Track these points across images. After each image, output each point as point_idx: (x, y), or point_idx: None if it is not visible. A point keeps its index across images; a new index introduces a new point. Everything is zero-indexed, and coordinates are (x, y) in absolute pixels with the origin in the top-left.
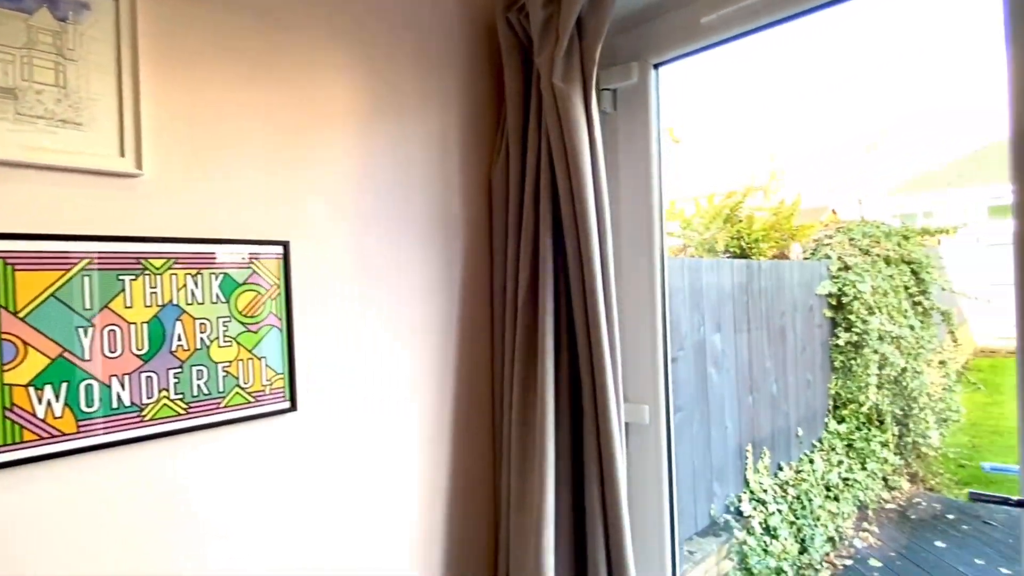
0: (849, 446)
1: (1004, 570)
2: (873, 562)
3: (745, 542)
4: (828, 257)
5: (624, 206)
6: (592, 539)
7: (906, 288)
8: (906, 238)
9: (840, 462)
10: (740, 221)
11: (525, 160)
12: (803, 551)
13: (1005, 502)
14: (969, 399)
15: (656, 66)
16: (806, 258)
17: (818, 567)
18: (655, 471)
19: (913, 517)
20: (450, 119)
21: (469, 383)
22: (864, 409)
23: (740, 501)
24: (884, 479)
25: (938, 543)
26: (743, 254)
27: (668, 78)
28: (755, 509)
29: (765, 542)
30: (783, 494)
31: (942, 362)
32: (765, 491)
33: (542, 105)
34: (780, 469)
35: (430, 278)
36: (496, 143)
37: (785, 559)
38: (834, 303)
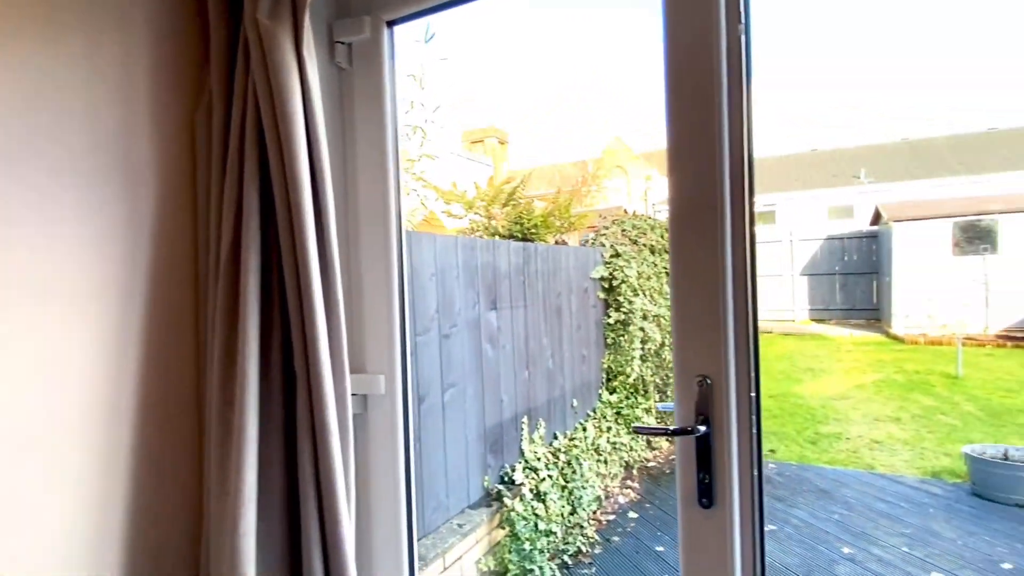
0: (618, 413)
1: None
2: (632, 514)
3: (513, 509)
4: (603, 245)
5: (362, 170)
6: (306, 521)
7: (666, 273)
8: (667, 231)
9: (609, 428)
10: (519, 205)
11: (231, 103)
12: (573, 512)
13: (664, 433)
14: None
15: (391, 24)
16: (584, 243)
17: (585, 524)
18: (391, 442)
19: (668, 472)
20: (136, 47)
21: (160, 355)
22: (631, 380)
23: (514, 471)
24: (648, 441)
25: None
26: (525, 238)
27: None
28: (527, 477)
29: (533, 507)
30: (555, 461)
31: None
32: (539, 459)
33: (248, 42)
34: (556, 438)
35: (101, 233)
36: (201, 82)
37: (554, 521)
38: (606, 286)
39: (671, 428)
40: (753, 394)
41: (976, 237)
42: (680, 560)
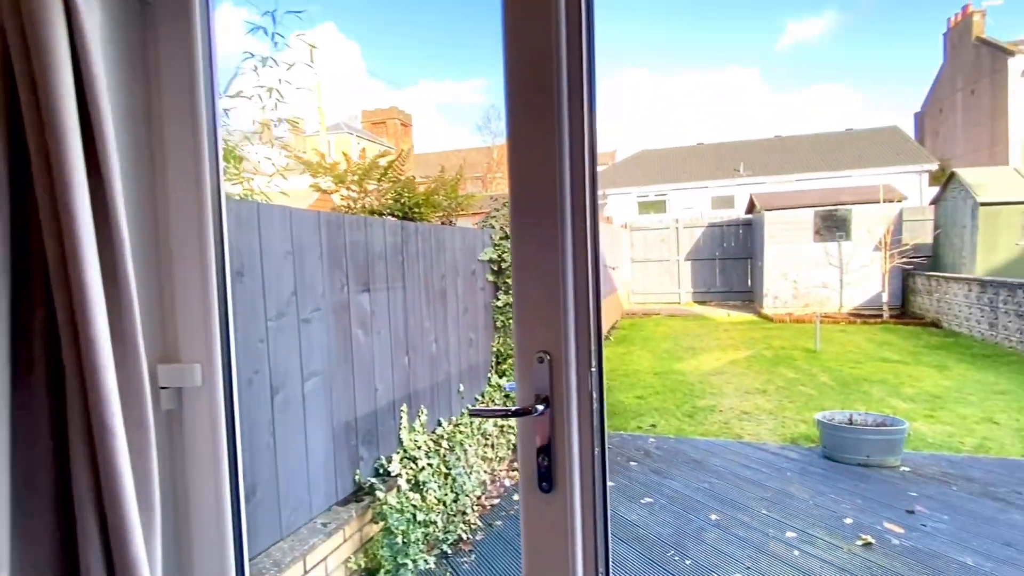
0: (507, 397)
1: (610, 483)
2: (516, 496)
3: (386, 502)
4: (492, 227)
5: (169, 124)
6: (84, 537)
7: None
8: None
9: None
10: (397, 182)
11: None
12: (456, 499)
13: (503, 414)
14: (612, 351)
15: None
16: (476, 225)
17: (468, 511)
18: (212, 439)
19: None
20: None
21: None
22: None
23: (390, 462)
24: None
25: None
26: (406, 217)
27: None
28: (405, 467)
29: (410, 498)
30: (437, 448)
31: None
32: (419, 448)
33: None
34: (439, 424)
35: None
36: None
37: (434, 511)
38: (495, 268)
39: (511, 409)
40: (594, 369)
41: (833, 225)
42: (522, 547)
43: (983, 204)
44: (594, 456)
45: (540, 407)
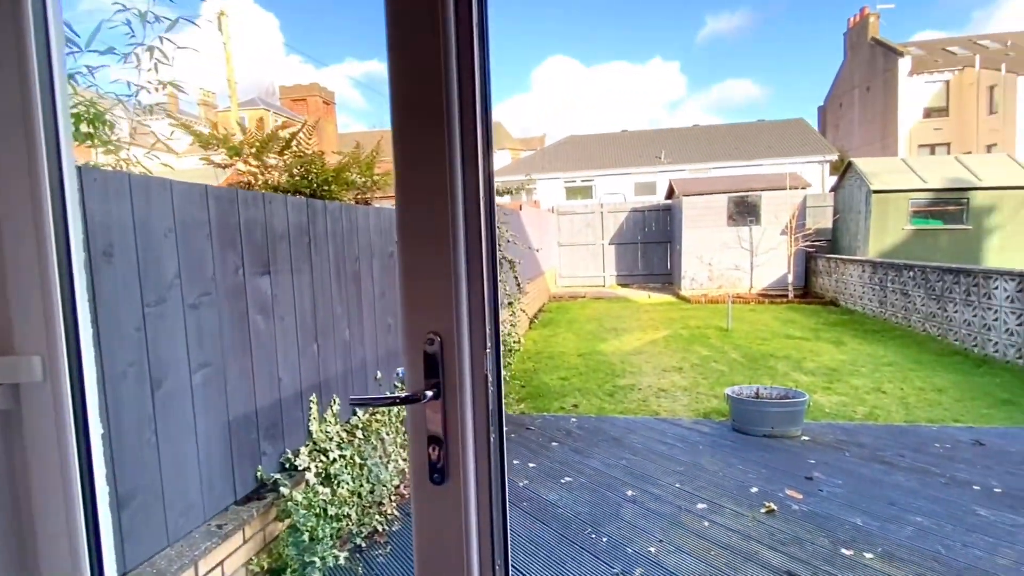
0: (401, 382)
1: (531, 464)
2: None
3: (291, 499)
4: None
5: None
6: None
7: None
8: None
9: None
10: (302, 157)
11: None
12: (372, 490)
13: (392, 402)
14: (537, 334)
15: None
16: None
17: (385, 502)
18: (58, 441)
19: None
20: None
21: None
22: None
23: (297, 455)
24: None
25: None
26: (314, 195)
27: None
28: (314, 460)
29: (317, 492)
30: (351, 439)
31: (510, 303)
32: (330, 439)
33: None
34: (354, 414)
35: None
36: None
37: (348, 503)
38: None
39: (399, 396)
40: (490, 350)
41: (745, 211)
42: (413, 546)
43: (875, 191)
44: (490, 443)
45: (429, 393)
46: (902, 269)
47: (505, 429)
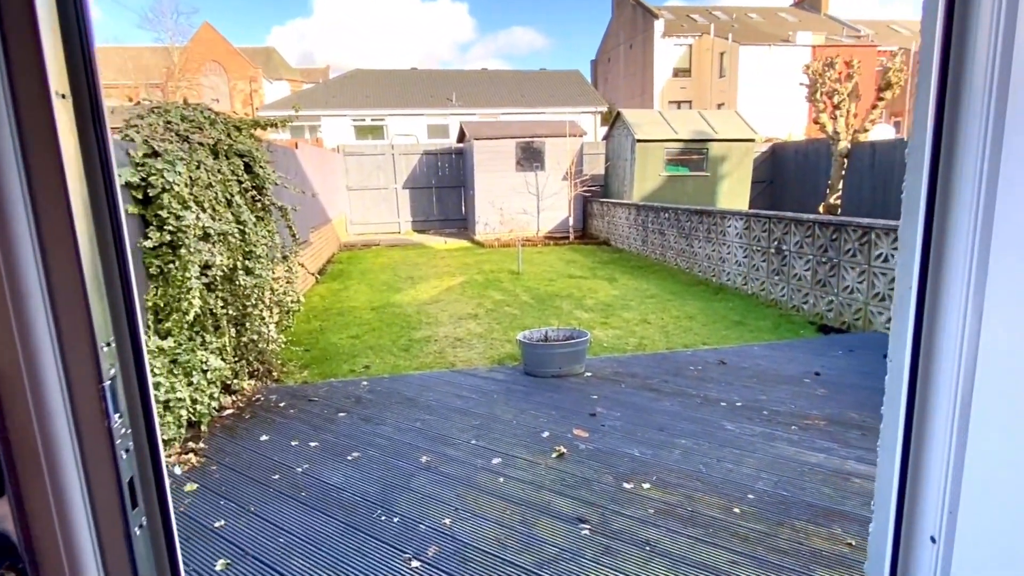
0: (174, 362)
1: (312, 443)
2: (190, 486)
3: None
4: (132, 140)
5: None
6: None
7: (240, 182)
8: (238, 129)
9: (159, 384)
10: None
11: None
12: None
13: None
14: (327, 288)
15: None
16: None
17: None
18: None
19: (248, 417)
20: None
21: None
22: (190, 318)
23: None
24: (226, 386)
25: (264, 436)
26: None
27: None
28: None
29: None
30: None
31: (285, 257)
32: None
33: None
34: None
35: None
36: None
37: None
38: (139, 196)
39: None
40: (108, 382)
41: (531, 156)
42: None
43: (639, 140)
44: (132, 541)
45: None
46: (659, 211)
47: (287, 404)
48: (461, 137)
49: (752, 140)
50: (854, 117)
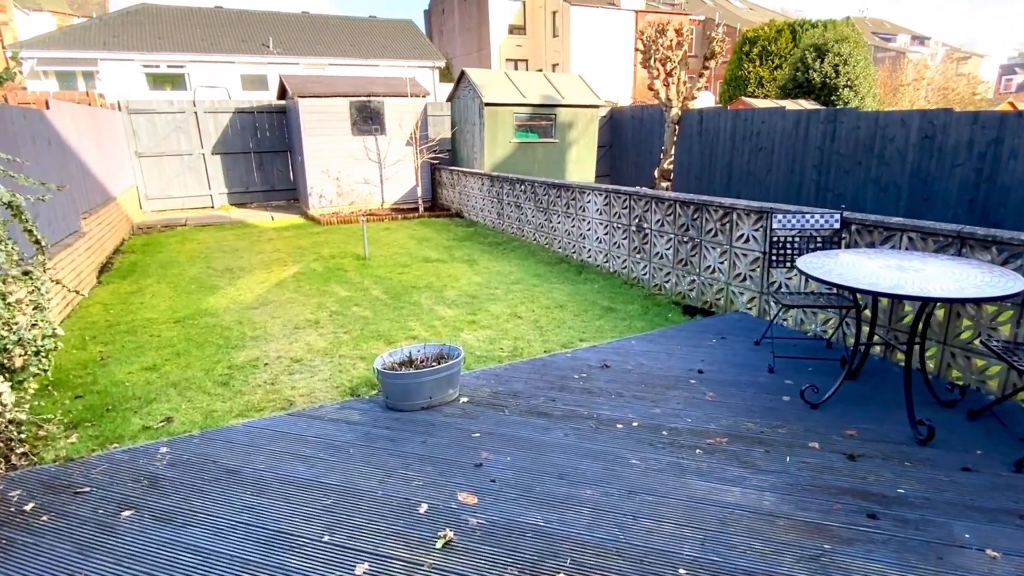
0: None
1: None
2: None
3: None
4: None
5: None
6: None
7: None
8: None
9: None
10: None
11: None
12: None
13: None
14: (112, 290)
15: None
16: None
17: None
18: None
19: None
20: None
21: None
22: None
23: None
24: None
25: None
26: None
27: None
28: None
29: None
30: None
31: (27, 273)
32: None
33: None
34: None
35: None
36: None
37: None
38: None
39: None
40: None
41: (369, 118)
42: None
43: (487, 104)
44: None
45: None
46: (515, 183)
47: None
48: (282, 93)
49: (597, 106)
50: (684, 85)
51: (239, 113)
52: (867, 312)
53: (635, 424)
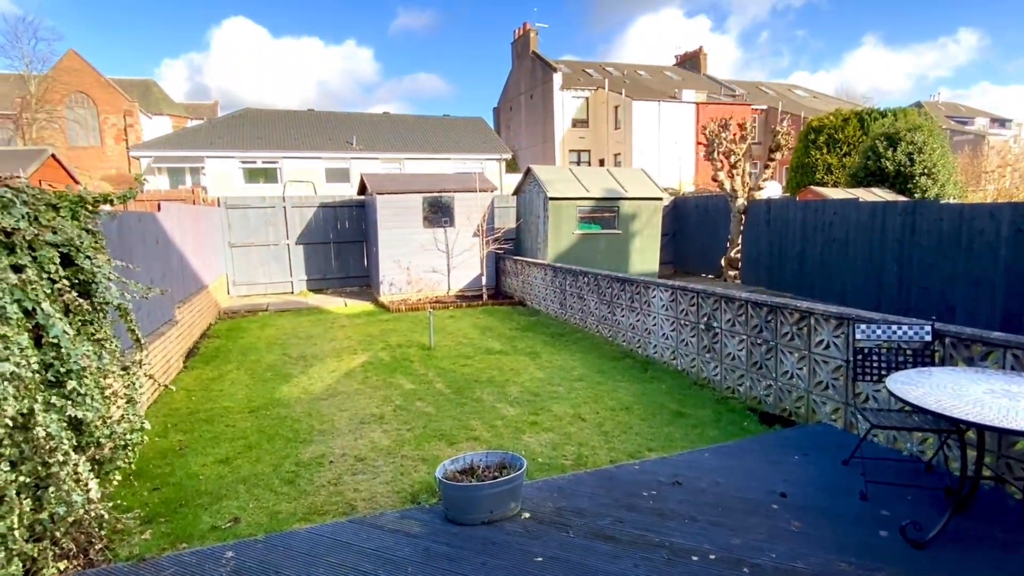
0: None
1: None
2: None
3: None
4: None
5: None
6: None
7: (53, 282)
8: (54, 209)
9: None
10: None
11: None
12: None
13: None
14: (197, 375)
15: None
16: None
17: None
18: None
19: None
20: None
21: None
22: None
23: None
24: None
25: None
26: None
27: None
28: None
29: None
30: None
31: (125, 368)
32: None
33: None
34: None
35: None
36: None
37: None
38: None
39: None
40: None
41: (439, 211)
42: None
43: (552, 198)
44: None
45: None
46: (578, 275)
47: None
48: (362, 190)
49: (660, 199)
50: (749, 175)
51: (323, 207)
52: (971, 433)
53: (711, 557)
